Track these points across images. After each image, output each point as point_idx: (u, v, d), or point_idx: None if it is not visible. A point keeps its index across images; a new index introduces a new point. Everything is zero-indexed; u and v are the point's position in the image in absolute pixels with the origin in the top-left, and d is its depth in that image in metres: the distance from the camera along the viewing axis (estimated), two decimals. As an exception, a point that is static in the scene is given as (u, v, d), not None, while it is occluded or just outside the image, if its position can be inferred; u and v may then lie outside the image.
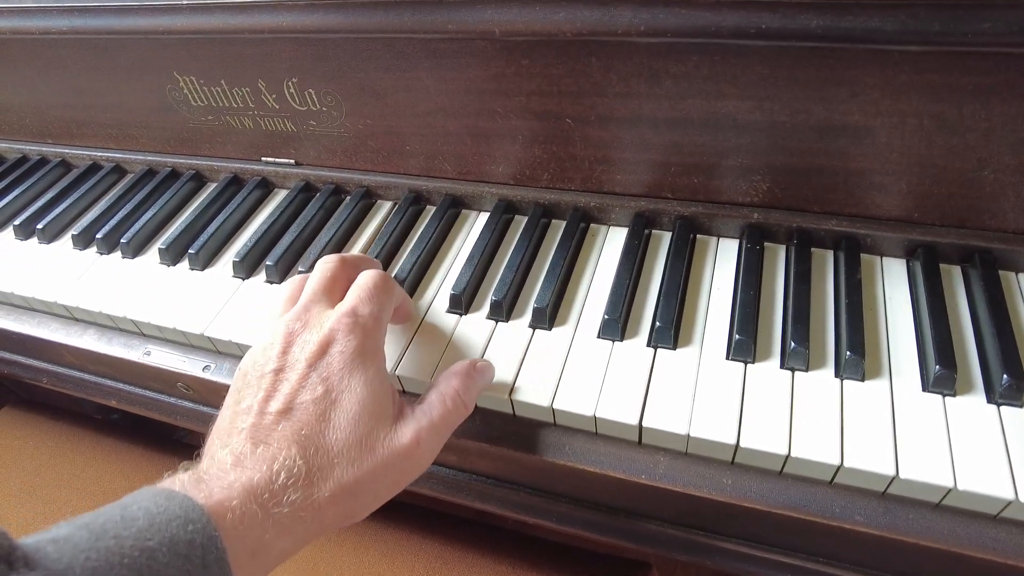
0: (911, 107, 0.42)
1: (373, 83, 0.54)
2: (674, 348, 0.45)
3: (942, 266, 0.48)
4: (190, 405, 0.59)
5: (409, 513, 0.64)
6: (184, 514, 0.30)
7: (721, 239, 0.53)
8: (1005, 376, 0.40)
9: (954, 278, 0.48)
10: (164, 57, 0.60)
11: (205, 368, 0.54)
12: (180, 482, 0.33)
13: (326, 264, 0.44)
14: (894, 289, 0.48)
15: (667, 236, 0.53)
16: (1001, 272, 0.47)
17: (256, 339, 0.41)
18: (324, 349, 0.38)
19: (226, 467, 0.34)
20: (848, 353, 0.42)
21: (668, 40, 0.42)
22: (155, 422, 0.91)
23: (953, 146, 0.43)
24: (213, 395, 0.55)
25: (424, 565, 0.58)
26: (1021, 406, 0.40)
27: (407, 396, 0.48)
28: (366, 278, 0.42)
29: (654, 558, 0.82)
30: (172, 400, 0.60)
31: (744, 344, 0.43)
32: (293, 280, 0.45)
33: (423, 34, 0.47)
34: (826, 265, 0.50)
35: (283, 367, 0.38)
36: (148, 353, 0.56)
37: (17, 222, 0.66)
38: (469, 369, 0.43)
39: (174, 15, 0.55)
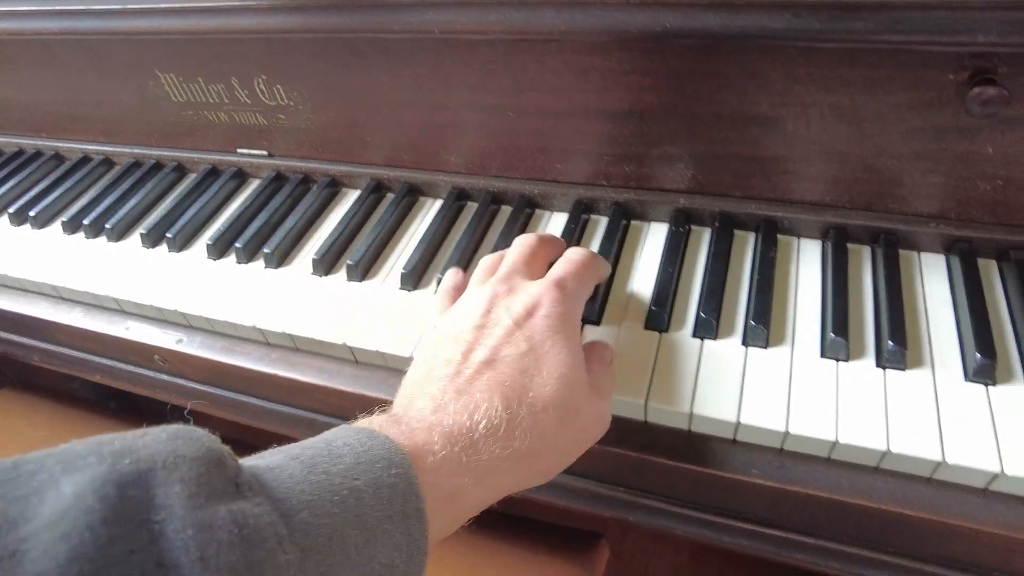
0: (811, 98, 0.46)
1: (334, 79, 0.59)
2: (598, 323, 0.49)
3: (852, 246, 0.52)
4: (166, 378, 0.63)
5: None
6: (387, 456, 0.30)
7: (652, 223, 0.57)
8: (891, 343, 0.44)
9: (863, 257, 0.52)
10: (146, 56, 0.64)
11: (178, 341, 0.58)
12: (378, 422, 0.33)
13: (526, 240, 0.45)
14: (807, 266, 0.52)
15: (604, 221, 0.58)
16: (904, 251, 0.51)
17: (458, 303, 0.42)
18: (530, 312, 0.38)
19: (426, 413, 0.34)
20: (752, 323, 0.46)
21: (589, 38, 0.47)
22: (146, 405, 0.96)
23: (852, 134, 0.47)
24: (187, 366, 0.60)
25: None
26: (904, 369, 0.44)
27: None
28: (577, 254, 0.43)
29: (608, 527, 0.85)
30: (151, 373, 0.64)
31: (658, 315, 0.48)
32: (488, 258, 0.46)
33: (372, 34, 0.52)
34: (747, 246, 0.54)
35: (486, 324, 0.38)
36: (128, 328, 0.61)
37: (12, 210, 0.71)
38: (602, 345, 0.43)
39: (153, 17, 0.59)
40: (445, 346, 0.38)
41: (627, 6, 0.44)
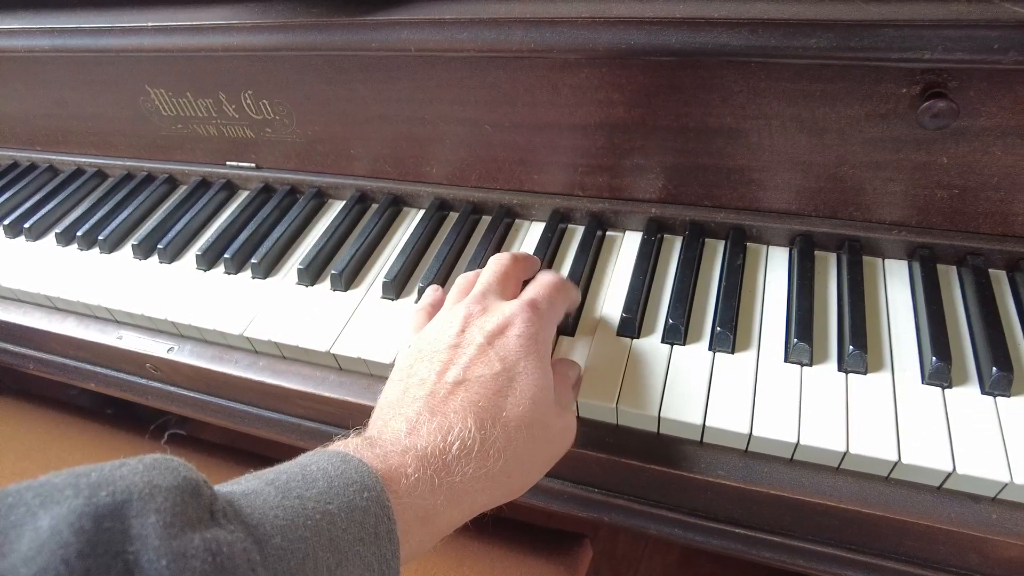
0: (773, 110, 0.48)
1: (318, 94, 0.61)
2: (572, 335, 0.51)
3: (819, 253, 0.54)
4: (158, 385, 0.65)
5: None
6: (360, 480, 0.31)
7: (627, 232, 0.59)
8: (852, 347, 0.45)
9: (829, 264, 0.53)
10: (136, 72, 0.66)
11: (169, 350, 0.60)
12: (353, 445, 0.34)
13: (500, 260, 0.45)
14: (774, 273, 0.53)
15: (580, 230, 0.59)
16: (868, 258, 0.53)
17: (433, 321, 0.43)
18: (503, 331, 0.39)
19: (401, 435, 0.34)
20: (719, 328, 0.48)
21: (558, 56, 0.48)
22: (142, 413, 0.98)
23: (814, 145, 0.49)
24: (177, 374, 0.62)
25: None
26: (864, 373, 0.45)
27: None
28: (550, 276, 0.45)
29: (589, 529, 0.86)
30: (143, 381, 0.66)
31: (628, 321, 0.49)
32: (464, 276, 0.47)
33: (352, 51, 0.54)
34: (716, 253, 0.55)
35: (460, 343, 0.39)
36: (120, 337, 0.63)
37: (6, 222, 0.73)
38: (568, 363, 0.45)
39: (141, 36, 0.61)
40: (420, 365, 0.39)
41: (593, 24, 0.45)
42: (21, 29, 0.66)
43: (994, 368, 0.43)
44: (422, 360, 0.39)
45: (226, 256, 0.62)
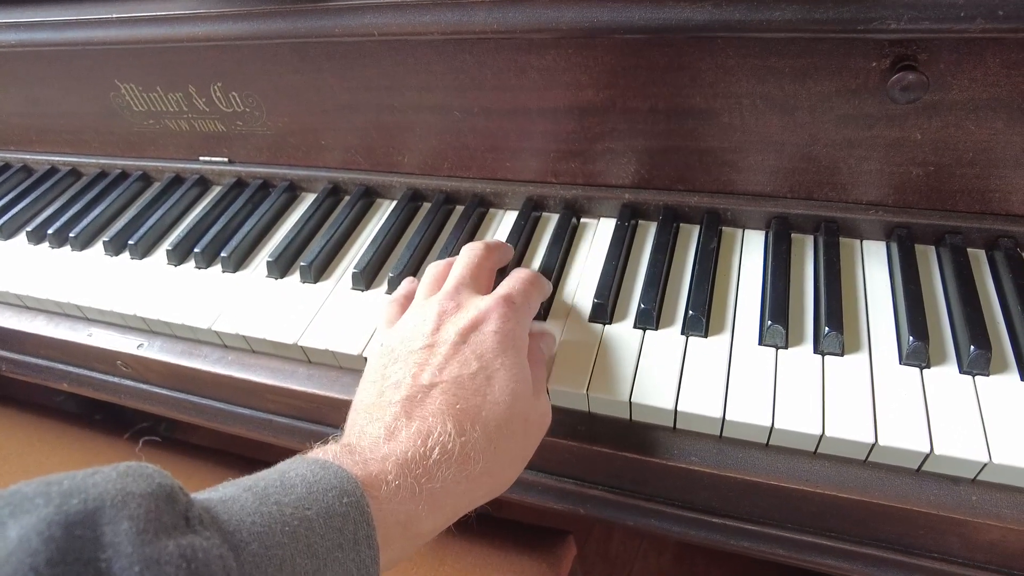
0: (742, 89, 0.47)
1: (286, 84, 0.60)
2: (544, 318, 0.50)
3: (796, 235, 0.53)
4: (130, 383, 0.64)
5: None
6: (340, 485, 0.30)
7: (602, 219, 0.57)
8: (827, 329, 0.44)
9: (806, 246, 0.52)
10: (106, 66, 0.65)
11: (139, 346, 0.59)
12: (332, 452, 0.33)
13: (473, 251, 0.44)
14: (750, 257, 0.52)
15: (554, 218, 0.58)
16: (846, 239, 0.52)
17: (405, 317, 0.41)
18: (478, 328, 0.38)
19: (379, 440, 0.34)
20: (691, 312, 0.47)
21: (522, 36, 0.48)
22: (130, 417, 0.96)
23: (786, 123, 0.48)
24: (148, 371, 0.61)
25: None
26: (841, 354, 0.44)
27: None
28: (523, 272, 0.44)
29: (579, 528, 0.85)
30: (115, 379, 0.65)
31: (600, 307, 0.48)
32: (435, 265, 0.46)
33: (316, 38, 0.53)
34: (691, 238, 0.54)
35: (435, 343, 0.38)
36: (90, 335, 0.62)
37: (-22, 222, 0.72)
38: (539, 335, 0.44)
39: (107, 28, 0.60)
40: (394, 367, 0.38)
41: (555, 3, 0.45)
42: (-12, 25, 0.66)
43: (972, 347, 0.42)
44: (396, 361, 0.38)
45: (196, 251, 0.61)
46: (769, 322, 0.45)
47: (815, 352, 0.45)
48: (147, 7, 0.58)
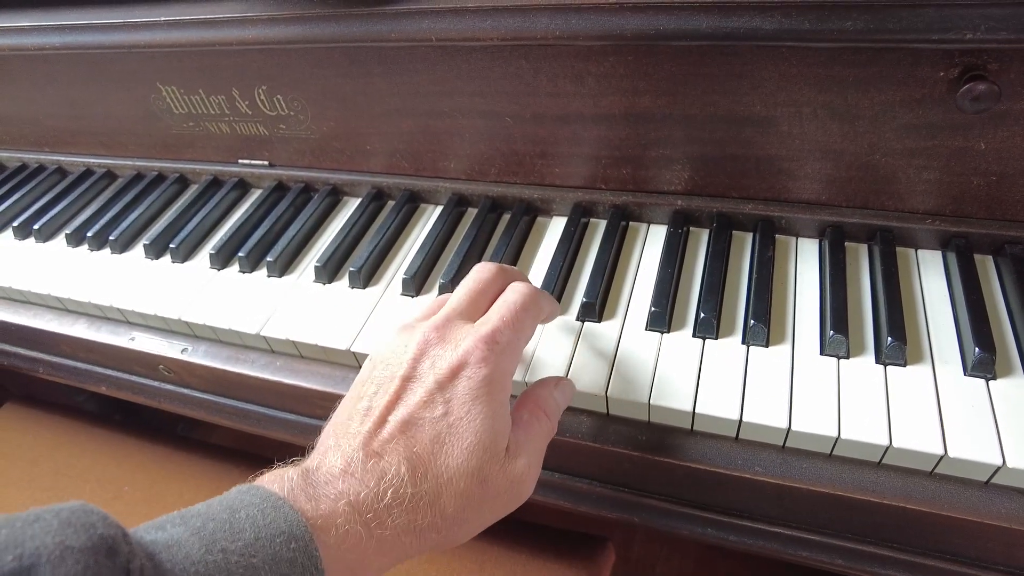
0: (804, 97, 0.47)
1: (334, 88, 0.59)
2: (599, 321, 0.50)
3: (849, 244, 0.52)
4: (171, 387, 0.64)
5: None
6: (289, 530, 0.30)
7: (652, 225, 0.57)
8: (890, 339, 0.44)
9: (860, 255, 0.52)
10: (147, 69, 0.65)
11: (183, 351, 0.59)
12: (289, 481, 0.33)
13: (481, 273, 0.43)
14: (805, 265, 0.52)
15: (603, 224, 0.58)
16: (901, 249, 0.51)
17: (388, 336, 0.41)
18: (455, 372, 0.37)
19: (335, 473, 0.33)
20: (752, 322, 0.47)
21: (583, 43, 0.47)
22: (150, 417, 0.96)
23: (846, 132, 0.48)
24: (191, 376, 0.60)
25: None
26: (904, 365, 0.44)
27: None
28: (513, 295, 0.41)
29: (614, 531, 0.85)
30: (155, 384, 0.65)
31: (657, 316, 0.48)
32: (463, 286, 0.43)
33: (370, 43, 0.53)
34: (745, 246, 0.54)
35: (412, 376, 0.37)
36: (133, 339, 0.61)
37: (15, 224, 0.72)
38: (553, 386, 0.43)
39: (153, 31, 0.60)
40: (370, 387, 0.37)
41: (620, 10, 0.44)
42: (29, 27, 0.65)
43: (1040, 358, 0.41)
44: (372, 382, 0.38)
45: (240, 254, 0.61)
46: (831, 332, 0.45)
47: (877, 362, 0.45)
48: (195, 10, 0.58)
